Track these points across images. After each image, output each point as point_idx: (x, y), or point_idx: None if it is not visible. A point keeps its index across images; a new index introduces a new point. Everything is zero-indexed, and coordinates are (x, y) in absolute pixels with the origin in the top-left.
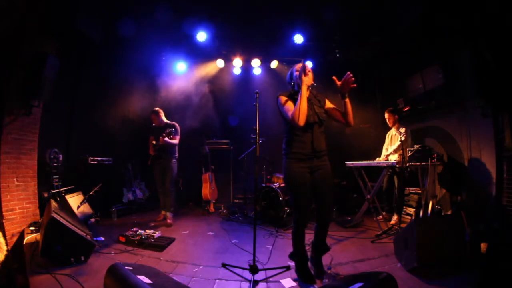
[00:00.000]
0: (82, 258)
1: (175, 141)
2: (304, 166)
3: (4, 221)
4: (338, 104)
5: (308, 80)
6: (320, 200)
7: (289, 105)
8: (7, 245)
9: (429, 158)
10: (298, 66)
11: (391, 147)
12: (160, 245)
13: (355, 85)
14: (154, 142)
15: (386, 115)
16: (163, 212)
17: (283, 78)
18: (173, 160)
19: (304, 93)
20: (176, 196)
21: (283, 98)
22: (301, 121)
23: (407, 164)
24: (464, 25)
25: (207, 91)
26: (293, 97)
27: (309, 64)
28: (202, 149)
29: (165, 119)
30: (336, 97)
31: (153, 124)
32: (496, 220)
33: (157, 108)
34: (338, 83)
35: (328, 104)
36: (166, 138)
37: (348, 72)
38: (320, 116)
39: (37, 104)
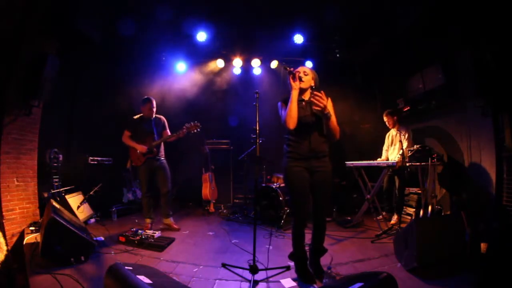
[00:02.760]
0: (82, 258)
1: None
2: (302, 165)
3: (4, 221)
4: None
5: (297, 84)
6: (317, 200)
7: (284, 109)
8: (7, 245)
9: (429, 158)
10: (300, 69)
11: (392, 147)
12: (160, 245)
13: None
14: (128, 133)
15: (385, 118)
16: (148, 221)
17: (283, 78)
18: (163, 158)
19: (294, 98)
20: (175, 196)
21: (280, 103)
22: (291, 124)
23: (407, 164)
24: (464, 25)
25: (207, 91)
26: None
27: (309, 65)
28: (202, 149)
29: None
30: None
31: (139, 116)
32: (496, 220)
33: (151, 97)
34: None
35: (329, 107)
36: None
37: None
38: (318, 117)
39: (37, 104)
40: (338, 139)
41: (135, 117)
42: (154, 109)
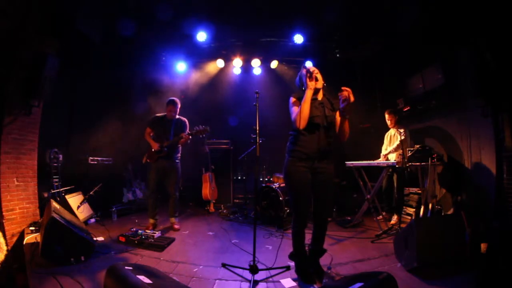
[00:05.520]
0: (82, 258)
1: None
2: (305, 165)
3: (4, 221)
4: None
5: (313, 84)
6: (318, 202)
7: (296, 107)
8: (7, 245)
9: (429, 158)
10: (311, 69)
11: (390, 146)
12: (160, 245)
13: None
14: (151, 134)
15: (387, 116)
16: (151, 221)
17: (283, 78)
18: (178, 160)
19: (308, 98)
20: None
21: (293, 99)
22: (301, 125)
23: (407, 164)
24: (464, 25)
25: (207, 91)
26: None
27: (309, 64)
28: (202, 149)
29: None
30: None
31: (162, 115)
32: (496, 220)
33: (175, 99)
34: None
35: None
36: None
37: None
38: (328, 120)
39: (37, 104)
40: (345, 140)
41: (158, 115)
42: (175, 112)
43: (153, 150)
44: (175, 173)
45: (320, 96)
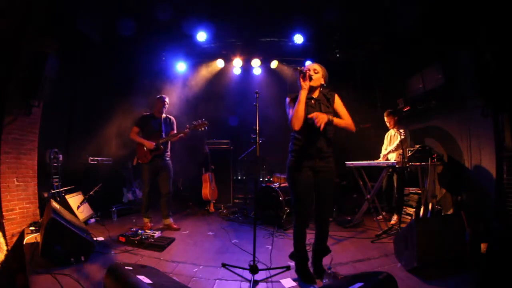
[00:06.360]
0: (82, 258)
1: None
2: (306, 165)
3: (4, 221)
4: (346, 103)
5: (307, 84)
6: (320, 200)
7: (291, 109)
8: (7, 245)
9: (429, 158)
10: (306, 68)
11: (390, 146)
12: (160, 245)
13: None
14: (139, 133)
15: (386, 118)
16: (146, 220)
17: (283, 78)
18: (168, 158)
19: (303, 98)
20: (175, 196)
21: (288, 100)
22: (296, 125)
23: (407, 164)
24: (464, 25)
25: (207, 91)
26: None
27: (310, 64)
28: (202, 149)
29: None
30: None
31: (149, 113)
32: (496, 220)
33: (164, 96)
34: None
35: (337, 103)
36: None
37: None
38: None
39: (37, 104)
40: (354, 131)
41: (145, 113)
42: (164, 109)
43: (146, 148)
44: (168, 172)
45: (316, 94)
